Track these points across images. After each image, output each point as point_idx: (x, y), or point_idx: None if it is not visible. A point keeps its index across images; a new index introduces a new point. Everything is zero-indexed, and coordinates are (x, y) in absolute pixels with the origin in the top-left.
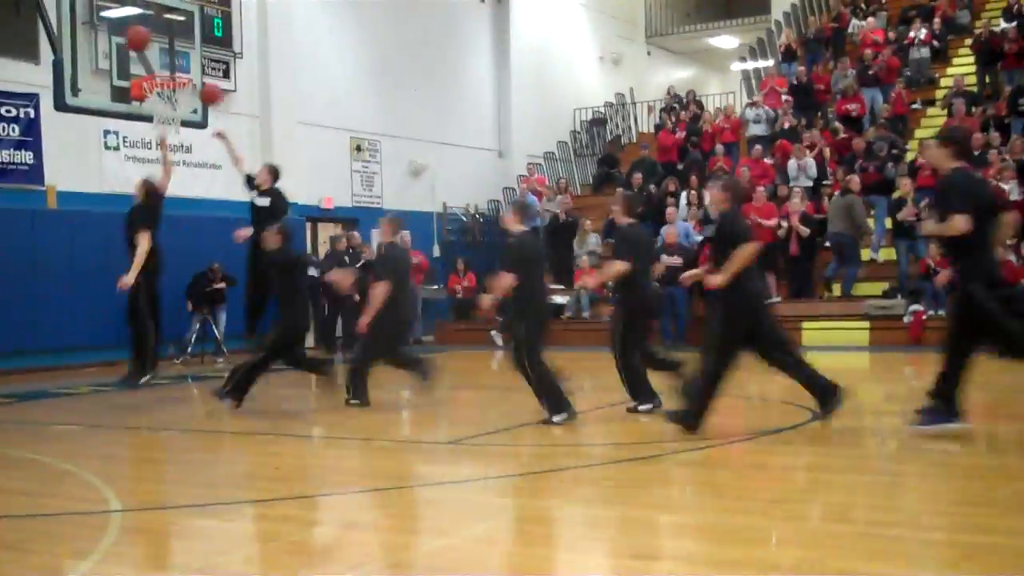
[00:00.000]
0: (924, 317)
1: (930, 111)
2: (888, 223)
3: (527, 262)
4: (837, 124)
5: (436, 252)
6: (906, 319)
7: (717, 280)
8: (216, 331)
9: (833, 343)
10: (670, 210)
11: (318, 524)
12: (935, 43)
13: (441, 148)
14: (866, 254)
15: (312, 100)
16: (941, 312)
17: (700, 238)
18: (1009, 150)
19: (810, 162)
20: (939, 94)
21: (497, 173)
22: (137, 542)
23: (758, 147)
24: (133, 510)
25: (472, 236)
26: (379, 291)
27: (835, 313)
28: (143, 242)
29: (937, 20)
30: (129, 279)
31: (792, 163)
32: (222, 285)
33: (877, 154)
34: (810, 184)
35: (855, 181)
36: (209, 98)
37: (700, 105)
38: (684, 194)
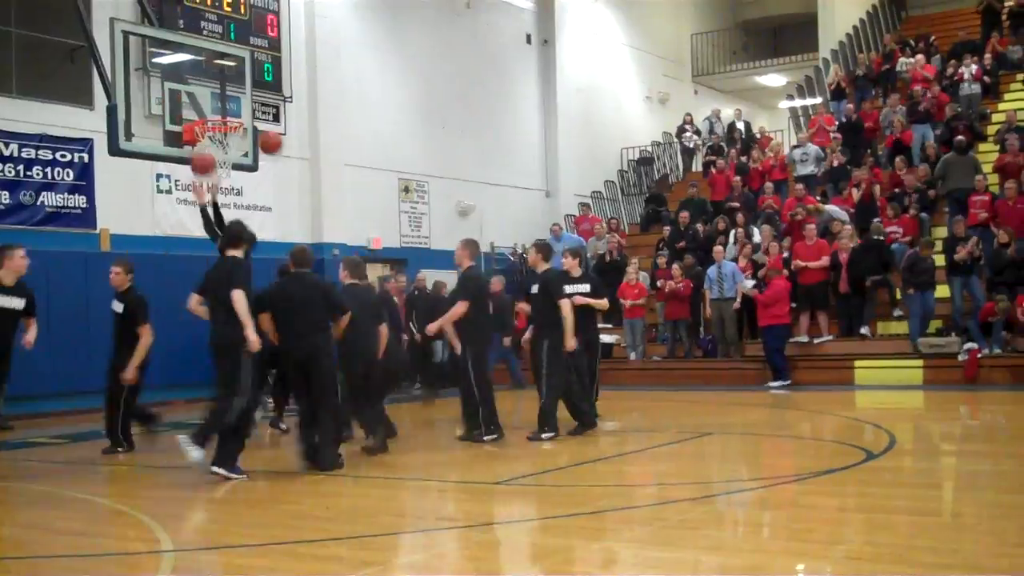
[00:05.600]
0: (979, 355)
1: (982, 147)
2: None
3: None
4: (898, 159)
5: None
6: (961, 357)
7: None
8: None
9: (886, 382)
10: (717, 249)
11: (369, 565)
12: (986, 79)
13: (489, 188)
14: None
15: (360, 142)
16: (997, 351)
17: (751, 282)
18: None
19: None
20: (991, 130)
21: (544, 213)
22: None
23: (800, 186)
24: (185, 550)
25: (520, 275)
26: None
27: (888, 352)
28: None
29: (988, 56)
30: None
31: (830, 206)
32: None
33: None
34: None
35: (961, 141)
36: (270, 147)
37: (748, 142)
38: (732, 233)
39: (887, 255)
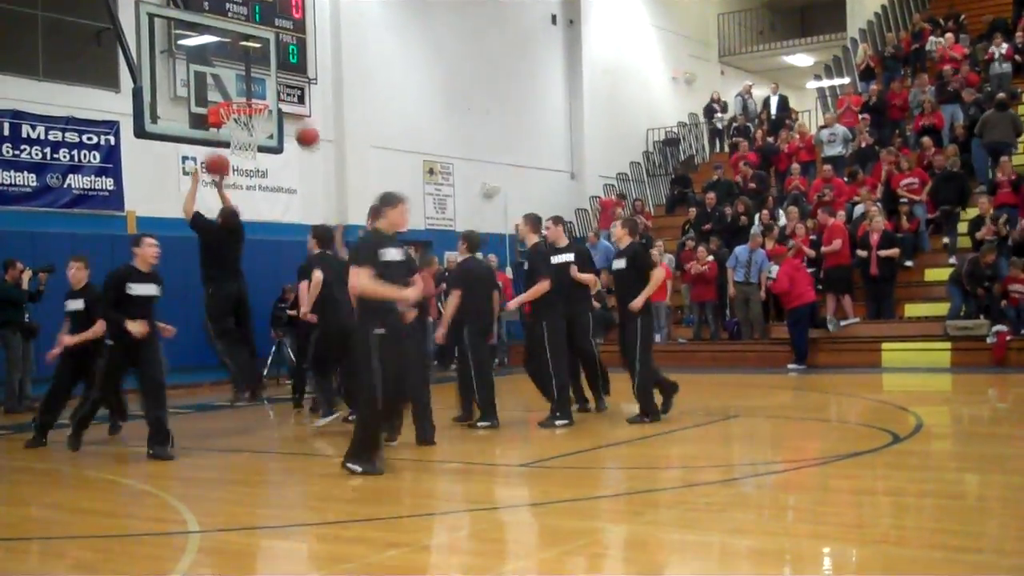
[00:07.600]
0: (1008, 338)
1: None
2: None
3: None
4: (925, 139)
5: (509, 274)
6: (989, 340)
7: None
8: (291, 354)
9: (913, 364)
10: (754, 234)
11: (393, 547)
12: (1017, 58)
13: (513, 170)
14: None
15: (385, 124)
16: None
17: (775, 267)
18: None
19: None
20: (1022, 109)
21: (570, 194)
22: (214, 563)
23: (827, 167)
24: (211, 531)
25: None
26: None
27: (915, 334)
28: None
29: (1019, 34)
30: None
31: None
32: (294, 312)
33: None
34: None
35: (1002, 97)
36: (307, 139)
37: (780, 120)
38: (757, 215)
39: (966, 185)
